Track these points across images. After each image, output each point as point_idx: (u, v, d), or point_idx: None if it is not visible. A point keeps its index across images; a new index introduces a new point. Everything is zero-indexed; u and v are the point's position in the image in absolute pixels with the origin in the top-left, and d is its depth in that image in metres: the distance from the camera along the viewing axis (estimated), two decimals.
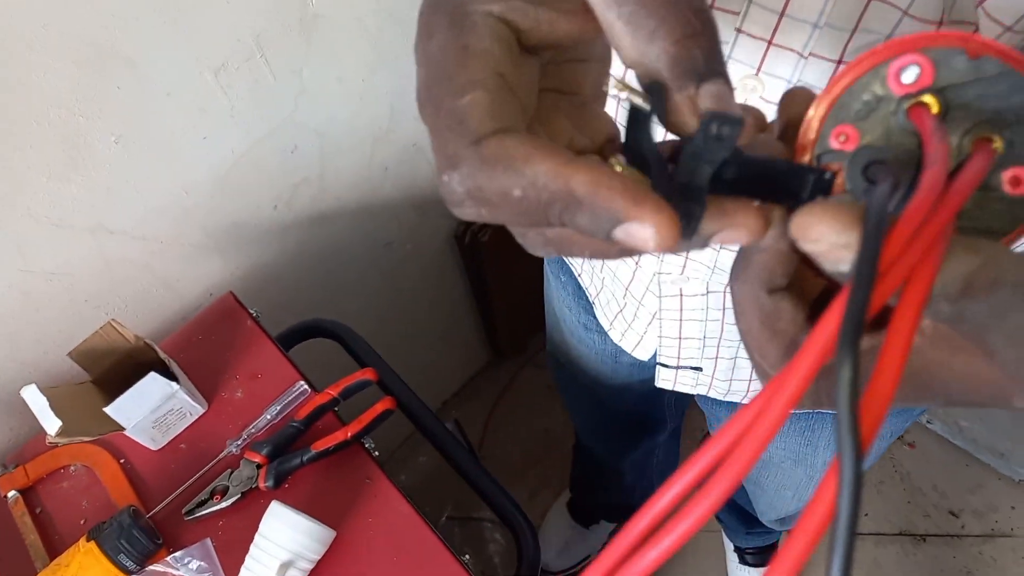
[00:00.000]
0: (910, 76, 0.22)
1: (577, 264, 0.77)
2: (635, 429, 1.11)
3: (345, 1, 0.94)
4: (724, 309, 0.61)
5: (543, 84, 0.26)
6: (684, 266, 0.57)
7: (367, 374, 0.85)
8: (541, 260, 0.93)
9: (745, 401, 0.71)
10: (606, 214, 0.20)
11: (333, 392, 0.83)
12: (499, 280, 1.51)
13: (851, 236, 0.20)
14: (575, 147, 0.26)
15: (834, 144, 0.23)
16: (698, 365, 0.66)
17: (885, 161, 0.22)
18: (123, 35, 0.76)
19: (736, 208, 0.22)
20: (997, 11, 0.31)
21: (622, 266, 0.64)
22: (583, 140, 0.27)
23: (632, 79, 0.23)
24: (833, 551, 0.17)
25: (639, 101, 0.22)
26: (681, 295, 0.60)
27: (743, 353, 0.64)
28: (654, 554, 0.19)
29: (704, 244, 0.23)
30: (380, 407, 0.82)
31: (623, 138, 0.27)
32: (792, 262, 0.24)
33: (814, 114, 0.23)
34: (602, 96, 0.28)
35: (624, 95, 0.22)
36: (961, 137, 0.22)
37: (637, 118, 0.22)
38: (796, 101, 0.24)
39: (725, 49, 0.39)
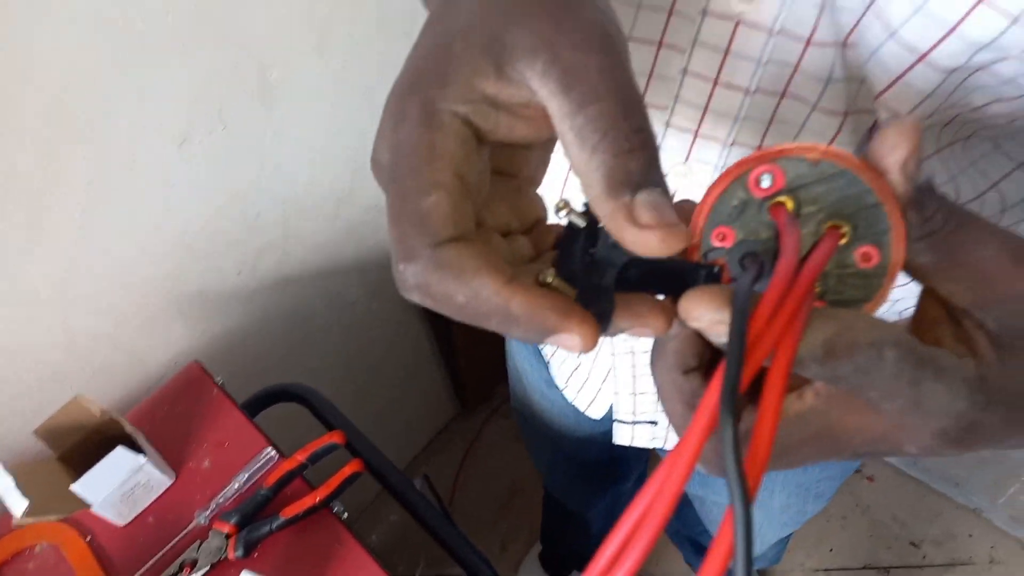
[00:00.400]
0: (766, 182, 0.26)
1: None
2: (601, 478, 1.13)
3: (304, 71, 0.97)
4: None
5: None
6: None
7: (335, 437, 0.86)
8: None
9: None
10: (538, 329, 0.24)
11: (301, 457, 0.84)
12: (464, 332, 1.53)
13: (724, 313, 0.24)
14: (510, 230, 0.29)
15: (715, 243, 0.27)
16: (653, 419, 0.68)
17: (756, 253, 0.26)
18: (87, 110, 0.78)
19: (645, 308, 0.26)
20: (894, 101, 0.35)
21: None
22: (515, 223, 0.29)
23: (573, 200, 0.26)
24: None
25: (576, 220, 0.26)
26: (633, 352, 0.63)
27: None
28: None
29: (617, 334, 0.27)
30: (348, 470, 0.83)
31: (557, 232, 0.30)
32: (699, 344, 0.27)
33: (694, 221, 0.28)
34: (537, 179, 0.31)
35: (564, 214, 0.26)
36: (817, 225, 0.26)
37: (571, 233, 0.26)
38: (684, 212, 0.28)
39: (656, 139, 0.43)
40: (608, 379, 0.70)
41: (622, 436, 0.71)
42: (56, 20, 0.71)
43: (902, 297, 0.50)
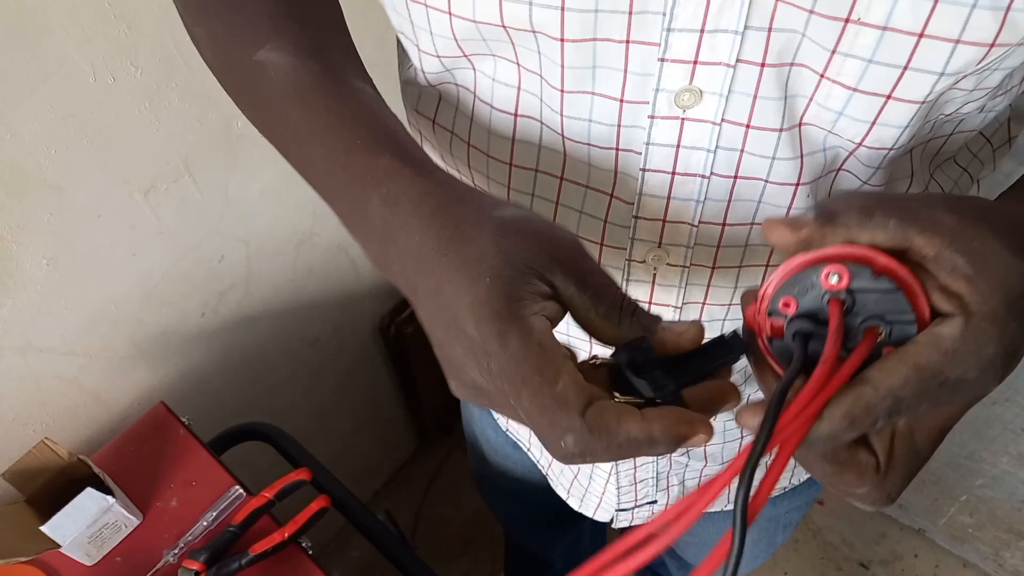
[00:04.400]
0: (834, 279, 0.32)
1: (526, 439, 0.81)
2: (560, 519, 1.15)
3: None
4: None
5: None
6: None
7: (301, 474, 0.88)
8: None
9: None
10: (675, 440, 0.31)
11: (268, 494, 0.86)
12: (424, 368, 1.56)
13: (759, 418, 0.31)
14: None
15: (780, 307, 0.34)
16: (653, 499, 0.73)
17: (807, 333, 0.33)
18: (52, 164, 0.81)
19: (725, 392, 0.35)
20: (876, 142, 0.40)
21: None
22: None
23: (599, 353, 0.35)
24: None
25: (609, 360, 0.35)
26: None
27: (690, 476, 0.73)
28: None
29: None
30: (316, 506, 0.85)
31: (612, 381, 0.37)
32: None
33: (768, 284, 0.34)
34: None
35: (598, 362, 0.35)
36: (861, 321, 0.32)
37: (618, 368, 0.35)
38: (746, 298, 0.36)
39: (628, 231, 0.48)
40: (610, 480, 0.73)
41: (623, 520, 0.76)
42: (29, 74, 0.74)
43: None
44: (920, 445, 0.34)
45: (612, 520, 0.76)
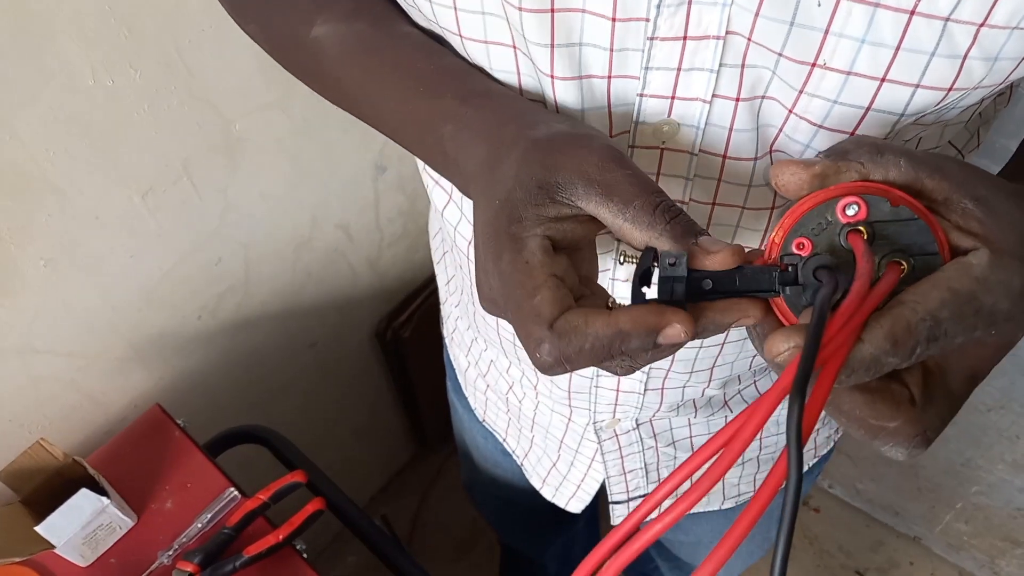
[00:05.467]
0: (851, 211, 0.31)
1: (502, 429, 0.83)
2: (552, 523, 1.16)
3: (266, 125, 1.01)
4: (655, 436, 0.69)
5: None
6: (614, 411, 0.65)
7: (297, 477, 0.88)
8: None
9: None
10: (647, 331, 0.31)
11: (263, 496, 0.86)
12: (422, 372, 1.56)
13: (796, 340, 0.30)
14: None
15: (794, 249, 0.33)
16: (646, 492, 0.74)
17: (828, 267, 0.32)
18: (52, 166, 0.81)
19: (744, 304, 0.33)
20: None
21: (555, 420, 0.71)
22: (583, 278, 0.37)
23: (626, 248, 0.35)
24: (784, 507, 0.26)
25: (636, 257, 0.34)
26: (616, 435, 0.68)
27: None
28: (658, 527, 0.30)
29: (724, 330, 0.34)
30: (310, 508, 0.85)
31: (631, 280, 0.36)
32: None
33: (783, 223, 0.33)
34: (594, 276, 0.38)
35: (624, 259, 0.36)
36: (881, 257, 0.32)
37: (639, 271, 0.34)
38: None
39: (612, 253, 0.49)
40: (591, 469, 0.74)
41: (619, 516, 0.76)
42: (31, 77, 0.75)
43: None
44: (954, 387, 0.34)
45: (593, 513, 0.77)
